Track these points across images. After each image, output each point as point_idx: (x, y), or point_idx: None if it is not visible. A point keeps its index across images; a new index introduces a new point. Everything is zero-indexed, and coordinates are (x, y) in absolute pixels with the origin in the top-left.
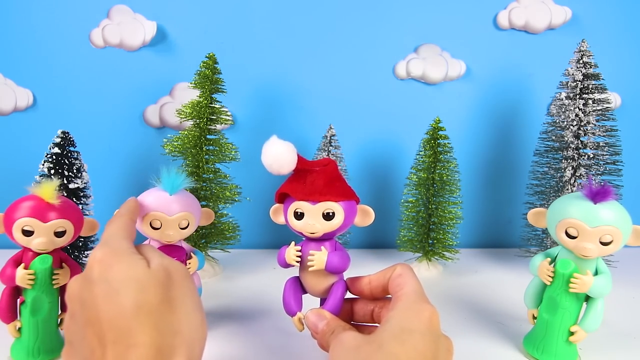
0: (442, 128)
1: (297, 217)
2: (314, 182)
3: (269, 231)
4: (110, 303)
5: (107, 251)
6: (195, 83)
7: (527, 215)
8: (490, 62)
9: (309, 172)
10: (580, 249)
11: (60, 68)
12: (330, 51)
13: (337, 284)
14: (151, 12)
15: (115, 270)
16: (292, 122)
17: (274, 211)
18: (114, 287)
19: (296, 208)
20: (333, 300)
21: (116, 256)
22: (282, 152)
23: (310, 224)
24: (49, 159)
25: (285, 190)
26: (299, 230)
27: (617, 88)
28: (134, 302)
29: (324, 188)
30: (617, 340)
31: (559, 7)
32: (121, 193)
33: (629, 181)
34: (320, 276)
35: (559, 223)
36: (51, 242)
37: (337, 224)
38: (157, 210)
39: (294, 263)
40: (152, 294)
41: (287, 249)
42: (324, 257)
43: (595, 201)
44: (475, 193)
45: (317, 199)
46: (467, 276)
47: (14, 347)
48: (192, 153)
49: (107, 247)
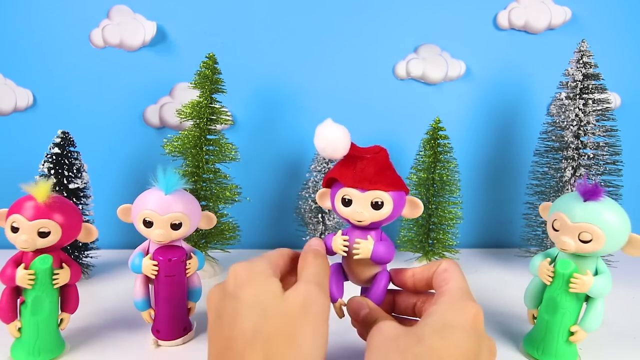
0: (442, 128)
1: (344, 204)
2: (364, 170)
3: (269, 231)
4: (233, 322)
5: (245, 266)
6: (195, 83)
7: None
8: (490, 62)
9: (360, 159)
10: (559, 242)
11: (60, 68)
12: (330, 51)
13: (380, 274)
14: (151, 12)
15: (247, 290)
16: (292, 122)
17: (320, 195)
18: (240, 308)
19: (344, 194)
20: (376, 289)
21: (252, 274)
22: (338, 136)
23: (358, 211)
24: (49, 159)
25: (335, 176)
26: (346, 217)
27: (617, 88)
28: (253, 327)
29: (374, 176)
30: (617, 340)
31: (558, 7)
32: (121, 193)
33: (629, 181)
34: (364, 265)
35: (550, 216)
36: (33, 241)
37: (385, 214)
38: (149, 208)
39: (341, 252)
40: (272, 323)
41: (333, 237)
42: (370, 246)
43: (585, 199)
44: (475, 193)
45: (366, 187)
46: (467, 276)
47: (14, 347)
48: (192, 153)
49: (248, 262)
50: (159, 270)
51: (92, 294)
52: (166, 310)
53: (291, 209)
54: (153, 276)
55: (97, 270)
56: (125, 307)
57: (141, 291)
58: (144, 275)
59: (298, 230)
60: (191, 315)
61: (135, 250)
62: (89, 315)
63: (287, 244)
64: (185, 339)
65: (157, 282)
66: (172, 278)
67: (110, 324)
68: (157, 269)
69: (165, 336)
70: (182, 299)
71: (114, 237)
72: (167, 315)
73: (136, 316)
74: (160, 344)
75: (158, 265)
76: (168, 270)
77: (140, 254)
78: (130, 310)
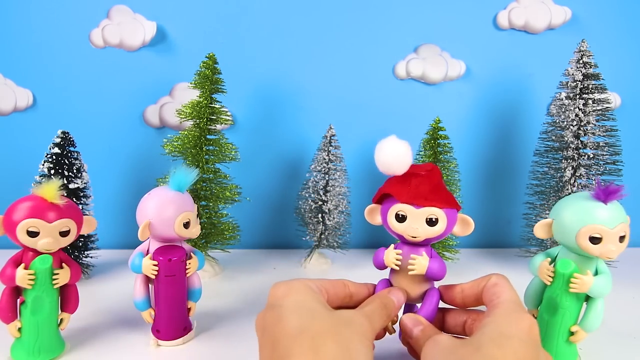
0: (442, 128)
1: (398, 220)
2: (419, 186)
3: (269, 231)
4: (277, 325)
5: (284, 282)
6: (195, 83)
7: (535, 229)
8: (490, 62)
9: (414, 176)
10: (606, 252)
11: (60, 68)
12: (330, 51)
13: (432, 291)
14: (151, 12)
15: (289, 298)
16: (292, 122)
17: (370, 211)
18: (282, 312)
19: (399, 210)
20: (428, 306)
21: (293, 287)
22: (404, 153)
23: (413, 227)
24: (49, 159)
25: (390, 192)
26: (400, 232)
27: (617, 88)
28: (299, 325)
29: (429, 194)
30: (617, 340)
31: (558, 7)
32: (121, 193)
33: (629, 181)
34: (415, 281)
35: (581, 231)
36: (57, 241)
37: (439, 231)
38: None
39: (394, 266)
40: (319, 324)
41: (386, 251)
42: (425, 262)
43: (607, 201)
44: (475, 193)
45: (422, 204)
46: (467, 276)
47: (14, 347)
48: (192, 153)
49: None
50: (159, 270)
51: (92, 294)
52: (166, 310)
53: (291, 209)
54: (153, 276)
55: (97, 270)
56: (125, 307)
57: (141, 291)
58: (144, 275)
59: (298, 230)
60: (191, 315)
61: (135, 250)
62: (89, 315)
63: (287, 244)
64: (186, 339)
65: (157, 282)
66: (172, 278)
67: (110, 324)
68: (157, 269)
69: (165, 336)
70: (182, 299)
71: (114, 237)
72: (167, 315)
73: (136, 316)
74: (160, 344)
75: (158, 265)
76: (168, 270)
77: (140, 254)
78: (130, 310)
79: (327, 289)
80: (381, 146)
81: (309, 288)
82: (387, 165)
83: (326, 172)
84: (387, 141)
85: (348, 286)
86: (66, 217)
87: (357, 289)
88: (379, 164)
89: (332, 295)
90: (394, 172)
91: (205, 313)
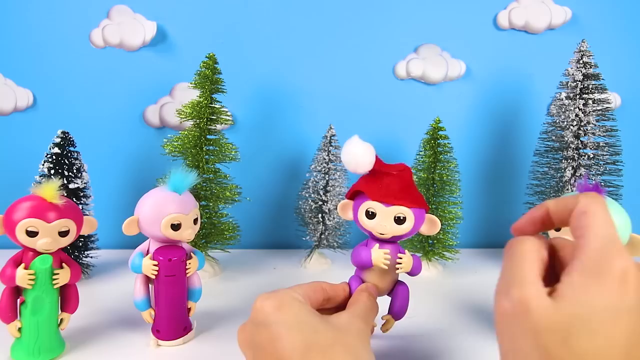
0: (442, 128)
1: (368, 216)
2: (389, 185)
3: (269, 231)
4: (276, 344)
5: (270, 295)
6: (195, 83)
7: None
8: (490, 62)
9: (386, 175)
10: None
11: (60, 68)
12: (330, 51)
13: (401, 285)
14: (151, 12)
15: (282, 314)
16: (292, 122)
17: (342, 206)
18: (278, 331)
19: (369, 207)
20: (400, 301)
21: (282, 300)
22: (361, 152)
23: (382, 224)
24: (49, 159)
25: (361, 189)
26: (369, 229)
27: (617, 88)
28: (303, 341)
29: (399, 192)
30: None
31: (559, 7)
32: (121, 193)
33: (629, 181)
34: (385, 277)
35: None
36: (56, 241)
37: (406, 229)
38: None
39: (384, 266)
40: (325, 337)
41: (373, 250)
42: (411, 261)
43: None
44: (475, 193)
45: (391, 202)
46: (467, 276)
47: (14, 347)
48: (192, 153)
49: (271, 292)
50: (159, 270)
51: (92, 294)
52: (166, 310)
53: (291, 209)
54: (153, 276)
55: (97, 270)
56: (125, 307)
57: (141, 291)
58: (144, 275)
59: (298, 230)
60: (191, 315)
61: (135, 250)
62: (89, 315)
63: (287, 244)
64: (186, 339)
65: (157, 282)
66: (172, 278)
67: (110, 324)
68: (157, 269)
69: (165, 336)
70: (182, 299)
71: (114, 237)
72: (167, 315)
73: (136, 316)
74: (160, 344)
75: (158, 265)
76: (168, 270)
77: (140, 253)
78: (130, 310)
79: (309, 295)
80: (344, 146)
81: (297, 300)
82: (346, 163)
83: (326, 172)
84: (349, 141)
85: (325, 289)
86: (65, 217)
87: (334, 291)
88: (343, 162)
89: (313, 301)
90: (353, 170)
91: (205, 313)
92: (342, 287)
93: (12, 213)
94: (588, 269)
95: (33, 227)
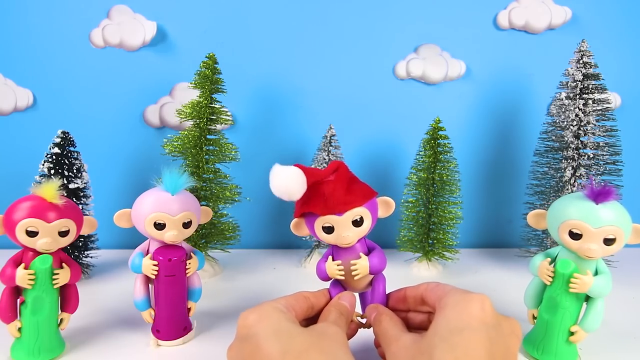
0: (442, 128)
1: (326, 232)
2: (333, 193)
3: (269, 231)
4: (257, 354)
5: (252, 310)
6: (195, 83)
7: (527, 216)
8: (490, 62)
9: (323, 183)
10: (585, 250)
11: (60, 68)
12: (330, 51)
13: (378, 278)
14: (151, 12)
15: (261, 325)
16: (292, 122)
17: (295, 225)
18: (258, 341)
19: (324, 223)
20: (377, 293)
21: (263, 313)
22: (289, 181)
23: (343, 235)
24: (49, 159)
25: (308, 210)
26: (332, 243)
27: (617, 88)
28: (280, 348)
29: (345, 196)
30: (617, 340)
31: (559, 7)
32: (121, 193)
33: (629, 181)
34: (361, 277)
35: (562, 224)
36: (55, 241)
37: (367, 227)
38: (160, 211)
39: (339, 277)
40: (301, 341)
41: (326, 264)
42: (365, 263)
43: (598, 202)
44: (475, 193)
45: (342, 210)
46: (467, 276)
47: (14, 347)
48: (192, 153)
49: (255, 307)
50: (159, 270)
51: (92, 294)
52: (166, 310)
53: (291, 209)
54: (153, 276)
55: (97, 270)
56: (125, 307)
57: (141, 291)
58: (144, 275)
59: None
60: (191, 315)
61: (135, 250)
62: (89, 315)
63: (287, 244)
64: (185, 338)
65: (157, 282)
66: (172, 278)
67: (110, 324)
68: (157, 269)
69: (165, 336)
70: (182, 299)
71: (114, 237)
72: (167, 315)
73: (136, 316)
74: (160, 343)
75: (158, 265)
76: (168, 270)
77: (140, 253)
78: (130, 310)
79: (292, 305)
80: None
81: (277, 310)
82: (279, 196)
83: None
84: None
85: (308, 298)
86: (65, 217)
87: (316, 299)
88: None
89: (298, 311)
90: (289, 199)
91: (205, 313)
92: (323, 293)
93: (12, 213)
94: (451, 308)
95: (33, 227)
